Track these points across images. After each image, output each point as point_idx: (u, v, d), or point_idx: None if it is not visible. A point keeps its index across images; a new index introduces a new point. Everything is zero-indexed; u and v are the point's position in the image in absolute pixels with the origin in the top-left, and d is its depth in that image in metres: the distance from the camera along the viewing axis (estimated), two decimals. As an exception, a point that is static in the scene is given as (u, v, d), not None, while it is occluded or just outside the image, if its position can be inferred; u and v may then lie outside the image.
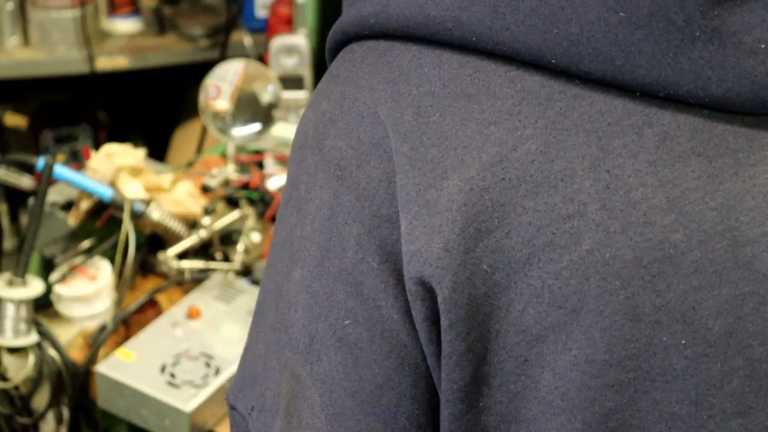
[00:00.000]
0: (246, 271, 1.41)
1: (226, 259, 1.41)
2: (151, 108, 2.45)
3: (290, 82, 1.61)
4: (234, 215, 1.42)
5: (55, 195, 1.41)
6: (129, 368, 1.23)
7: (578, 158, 0.55)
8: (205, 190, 1.42)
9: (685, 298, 0.55)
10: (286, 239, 0.62)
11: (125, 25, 2.24)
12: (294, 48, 1.63)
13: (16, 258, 1.28)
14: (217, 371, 1.23)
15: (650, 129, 0.55)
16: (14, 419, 1.31)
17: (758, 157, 0.55)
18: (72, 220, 1.37)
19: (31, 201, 1.31)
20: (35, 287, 1.27)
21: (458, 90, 0.57)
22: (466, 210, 0.56)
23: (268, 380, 0.63)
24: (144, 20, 2.27)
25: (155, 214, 1.35)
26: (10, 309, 1.25)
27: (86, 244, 1.38)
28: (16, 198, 2.07)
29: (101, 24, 2.22)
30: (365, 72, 0.60)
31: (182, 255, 1.37)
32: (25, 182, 1.31)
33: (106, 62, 2.14)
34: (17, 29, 2.13)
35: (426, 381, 0.59)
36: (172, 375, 1.22)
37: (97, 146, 2.13)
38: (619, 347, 0.55)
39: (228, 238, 1.42)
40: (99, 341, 1.29)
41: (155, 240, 1.42)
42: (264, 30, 1.95)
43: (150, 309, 1.37)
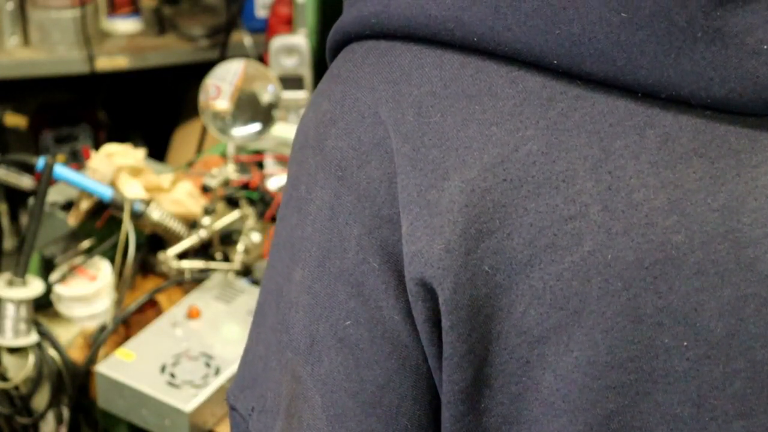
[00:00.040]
0: (246, 271, 1.41)
1: (226, 259, 1.41)
2: (151, 108, 2.45)
3: (290, 82, 1.61)
4: (234, 215, 1.41)
5: (55, 195, 1.41)
6: (129, 368, 1.23)
7: (580, 159, 0.55)
8: (205, 190, 1.42)
9: (687, 300, 0.55)
10: (287, 240, 0.62)
11: (125, 25, 2.24)
12: (294, 48, 1.62)
13: (16, 258, 1.27)
14: (217, 371, 1.22)
15: (652, 130, 0.55)
16: (14, 419, 1.31)
17: (760, 158, 0.55)
18: (72, 220, 1.36)
19: (31, 201, 1.31)
20: (35, 287, 1.27)
21: (459, 90, 0.57)
22: (468, 211, 0.55)
23: (269, 381, 0.63)
24: (144, 20, 2.26)
25: (155, 214, 1.35)
26: (10, 309, 1.25)
27: (86, 244, 1.37)
28: (16, 198, 2.07)
29: (101, 24, 2.21)
30: (366, 72, 0.60)
31: (182, 255, 1.37)
32: (25, 182, 1.31)
33: (106, 62, 2.14)
34: (17, 29, 2.13)
35: (427, 382, 0.59)
36: (172, 375, 1.22)
37: (97, 146, 2.12)
38: (621, 349, 0.55)
39: (228, 238, 1.42)
40: (99, 341, 1.28)
41: (155, 240, 1.42)
42: (264, 30, 1.94)
43: (150, 309, 1.36)
